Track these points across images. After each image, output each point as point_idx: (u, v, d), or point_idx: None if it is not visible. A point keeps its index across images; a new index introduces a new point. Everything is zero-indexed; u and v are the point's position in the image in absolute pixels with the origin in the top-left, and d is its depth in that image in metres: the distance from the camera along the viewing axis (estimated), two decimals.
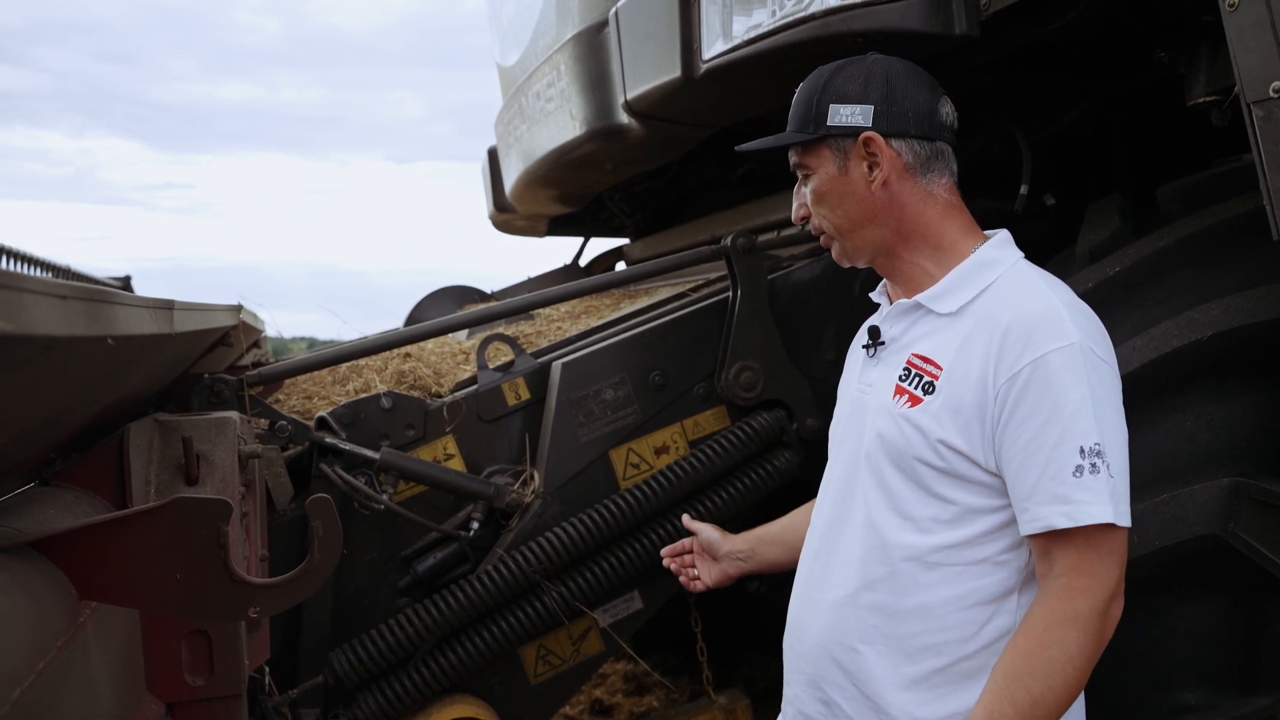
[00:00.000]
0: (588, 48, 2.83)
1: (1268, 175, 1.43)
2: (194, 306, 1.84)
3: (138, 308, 1.28)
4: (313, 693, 2.37)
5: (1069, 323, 1.41)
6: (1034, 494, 1.38)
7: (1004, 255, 1.55)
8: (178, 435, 1.84)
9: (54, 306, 0.92)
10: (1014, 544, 1.45)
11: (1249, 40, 1.43)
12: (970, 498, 1.45)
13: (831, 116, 1.55)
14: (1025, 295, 1.47)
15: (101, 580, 1.31)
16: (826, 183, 1.59)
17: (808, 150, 1.60)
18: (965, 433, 1.43)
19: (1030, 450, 1.38)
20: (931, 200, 1.57)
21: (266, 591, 1.40)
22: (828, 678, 1.55)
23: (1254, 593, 1.63)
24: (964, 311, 1.50)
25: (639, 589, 2.58)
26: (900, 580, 1.48)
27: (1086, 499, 1.35)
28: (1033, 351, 1.40)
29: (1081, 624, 1.35)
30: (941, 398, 1.46)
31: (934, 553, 1.47)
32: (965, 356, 1.46)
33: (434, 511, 2.52)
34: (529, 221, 4.60)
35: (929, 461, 1.46)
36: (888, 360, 1.58)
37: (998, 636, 1.44)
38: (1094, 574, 1.36)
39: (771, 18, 2.08)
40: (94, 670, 1.38)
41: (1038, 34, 1.96)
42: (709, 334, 2.63)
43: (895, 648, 1.48)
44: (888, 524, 1.50)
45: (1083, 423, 1.37)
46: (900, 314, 1.59)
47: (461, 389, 2.64)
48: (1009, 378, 1.40)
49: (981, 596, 1.45)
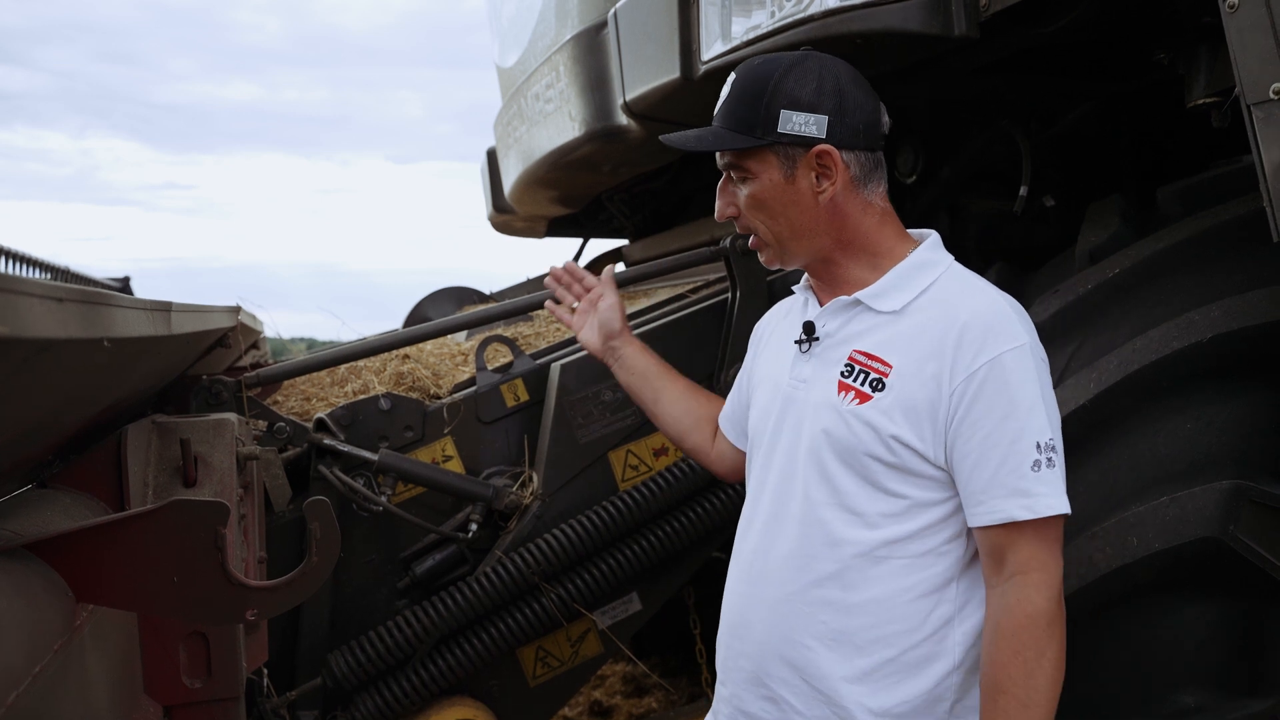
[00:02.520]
0: (587, 49, 2.82)
1: (1268, 177, 1.42)
2: (191, 308, 1.84)
3: (134, 310, 1.28)
4: (311, 695, 2.37)
5: (1018, 324, 1.46)
6: (990, 487, 1.41)
7: (939, 257, 1.57)
8: (176, 437, 1.83)
9: (50, 309, 0.92)
10: (955, 534, 1.48)
11: (1249, 42, 1.43)
12: (919, 492, 1.47)
13: (783, 123, 1.51)
14: (973, 297, 1.49)
15: (98, 583, 1.30)
16: (769, 190, 1.54)
17: (749, 153, 1.54)
18: (917, 429, 1.45)
19: (986, 446, 1.41)
20: (870, 210, 1.57)
21: (264, 594, 1.39)
22: (774, 675, 1.55)
23: (1254, 596, 1.62)
24: (907, 310, 1.51)
25: (638, 591, 2.58)
26: (849, 576, 1.49)
27: (1044, 491, 1.39)
28: (989, 351, 1.42)
29: (1044, 620, 1.39)
30: (893, 395, 1.47)
31: (882, 547, 1.48)
32: (916, 354, 1.47)
33: (433, 513, 2.52)
34: (528, 223, 4.60)
35: (880, 457, 1.47)
36: (824, 356, 1.57)
37: (942, 624, 1.48)
38: (1045, 567, 1.41)
39: (771, 19, 2.07)
40: (91, 673, 1.38)
41: (1037, 35, 1.95)
42: (708, 335, 2.63)
43: (846, 642, 1.49)
44: (835, 520, 1.50)
45: (1037, 419, 1.41)
46: (837, 310, 1.58)
47: (460, 390, 2.63)
48: (966, 376, 1.43)
49: (927, 587, 1.48)
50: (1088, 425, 1.79)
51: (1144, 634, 1.69)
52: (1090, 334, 1.93)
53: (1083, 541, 1.71)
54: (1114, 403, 1.77)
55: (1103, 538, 1.68)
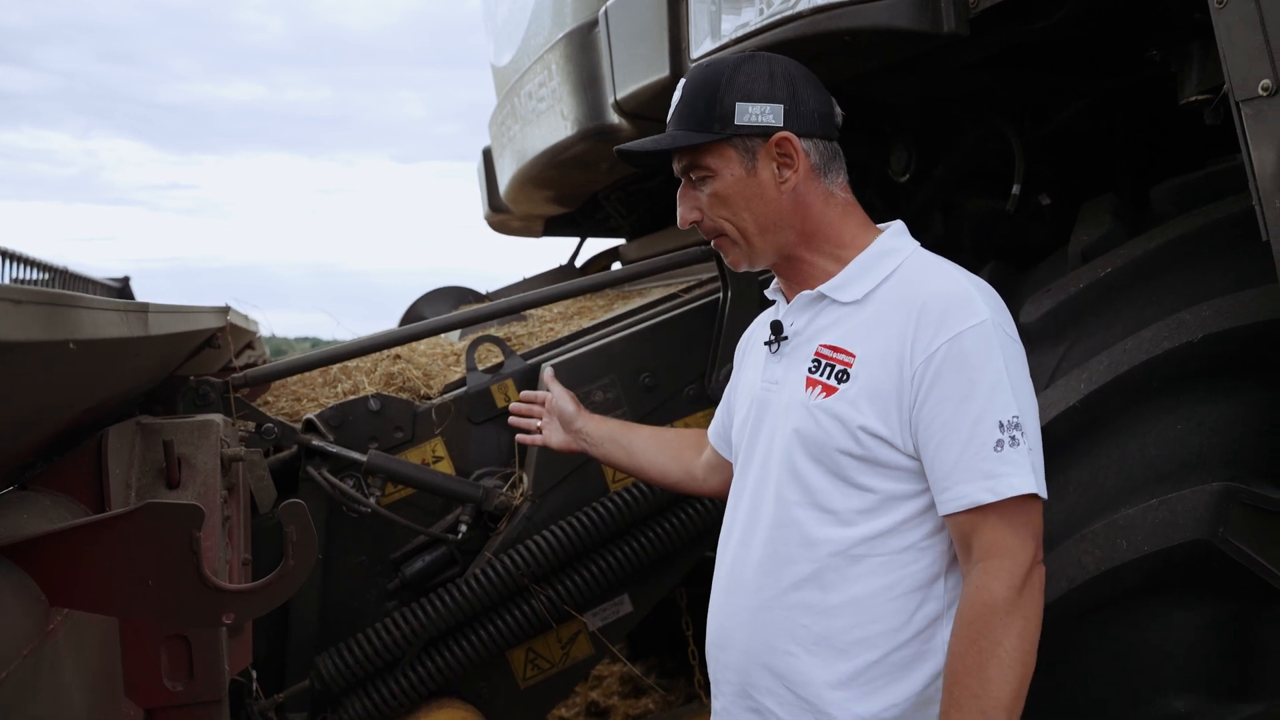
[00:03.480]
0: (579, 47, 2.81)
1: (1256, 175, 1.40)
2: (174, 309, 1.83)
3: (105, 311, 1.26)
4: (300, 696, 2.36)
5: (980, 301, 1.41)
6: (954, 471, 1.37)
7: (902, 244, 1.54)
8: (159, 439, 1.82)
9: (6, 311, 0.90)
10: (936, 528, 1.44)
11: (1237, 37, 1.41)
12: (890, 484, 1.44)
13: (739, 116, 1.49)
14: (934, 277, 1.47)
15: (72, 587, 1.29)
16: (731, 185, 1.52)
17: (707, 151, 1.52)
18: (884, 416, 1.42)
19: (949, 428, 1.37)
20: (833, 200, 1.55)
21: (241, 597, 1.38)
22: (758, 684, 1.51)
23: (1245, 599, 1.60)
24: (869, 299, 1.49)
25: (629, 592, 2.57)
26: (826, 576, 1.46)
27: (1008, 471, 1.35)
28: (947, 331, 1.39)
29: (1001, 608, 1.33)
30: (858, 384, 1.44)
31: (858, 545, 1.44)
32: (878, 340, 1.44)
33: (424, 514, 2.51)
34: (524, 222, 4.58)
35: (849, 450, 1.44)
36: (793, 355, 1.55)
37: (928, 623, 1.44)
38: (1008, 552, 1.35)
39: (759, 16, 2.06)
40: (65, 676, 1.37)
41: (1027, 32, 1.93)
42: (699, 335, 2.61)
43: (827, 645, 1.45)
44: (808, 520, 1.47)
45: (1000, 397, 1.36)
46: (803, 306, 1.56)
47: (451, 391, 2.62)
48: (925, 358, 1.39)
49: (909, 585, 1.44)
50: (1077, 426, 1.76)
51: (1133, 637, 1.66)
52: (1082, 334, 1.91)
53: (1071, 544, 1.68)
54: (1104, 403, 1.74)
55: (1091, 540, 1.66)
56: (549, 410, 2.08)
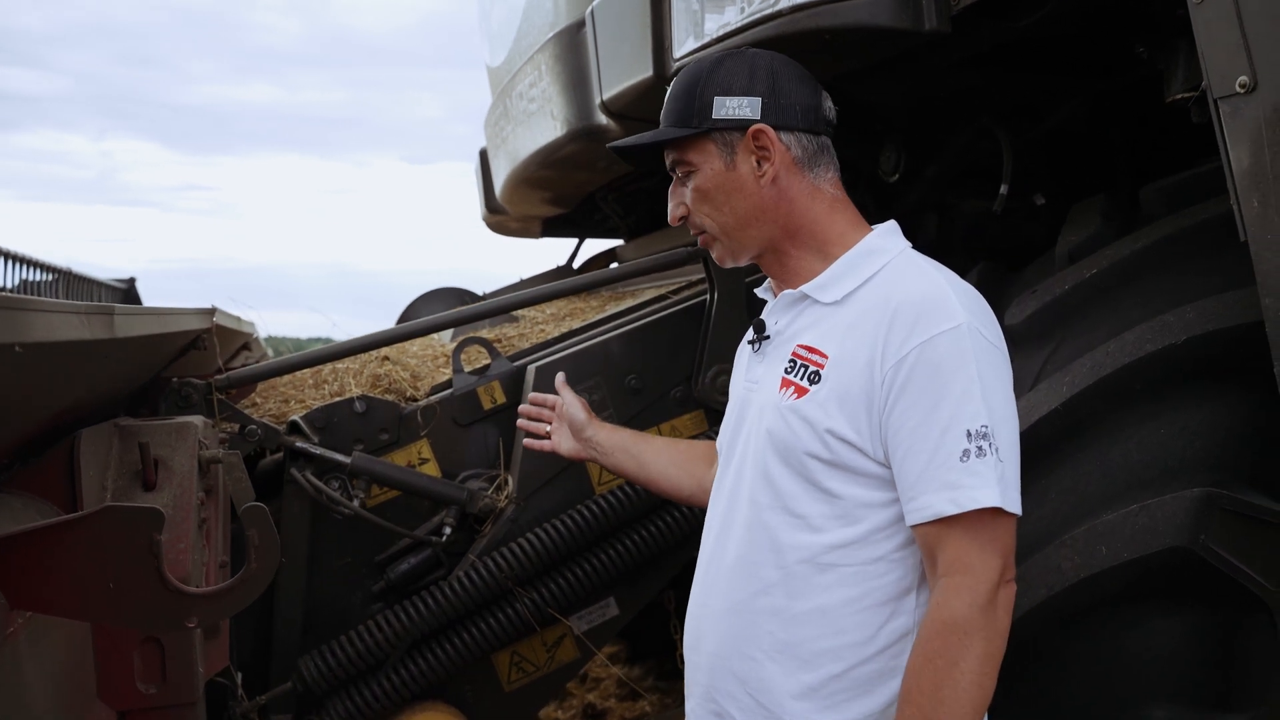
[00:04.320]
0: (567, 47, 2.79)
1: (1234, 173, 1.38)
2: (148, 311, 1.82)
3: (61, 314, 1.25)
4: (285, 698, 2.35)
5: (956, 304, 1.37)
6: (920, 481, 1.33)
7: (890, 244, 1.51)
8: (137, 440, 1.82)
9: None
10: (908, 541, 1.40)
11: (1215, 34, 1.39)
12: (859, 491, 1.40)
13: (717, 109, 1.49)
14: (913, 279, 1.43)
15: (33, 589, 1.28)
16: (711, 179, 1.51)
17: (689, 146, 1.52)
18: (853, 421, 1.38)
19: (917, 436, 1.33)
20: (819, 195, 1.53)
21: (205, 601, 1.37)
22: (722, 688, 1.49)
23: (1228, 606, 1.57)
24: (849, 299, 1.46)
25: (615, 595, 2.55)
26: (794, 583, 1.43)
27: (972, 483, 1.30)
28: (920, 334, 1.35)
29: (961, 627, 1.29)
30: (828, 386, 1.41)
31: (827, 553, 1.41)
32: (851, 343, 1.41)
33: (411, 516, 2.49)
34: (522, 223, 4.57)
35: (817, 454, 1.40)
36: (773, 354, 1.53)
37: (896, 638, 1.40)
38: (970, 569, 1.31)
39: (740, 15, 2.04)
40: (27, 678, 1.36)
41: (1011, 30, 1.91)
42: (685, 337, 2.59)
43: (791, 654, 1.42)
44: (778, 524, 1.45)
45: (970, 405, 1.32)
46: (786, 306, 1.54)
47: (437, 393, 2.61)
48: (896, 361, 1.35)
49: (878, 597, 1.40)
50: (1060, 430, 1.74)
51: (1114, 645, 1.64)
52: (1067, 336, 1.89)
53: (1052, 550, 1.66)
54: (1086, 407, 1.72)
55: (1071, 546, 1.63)
56: (559, 416, 2.05)
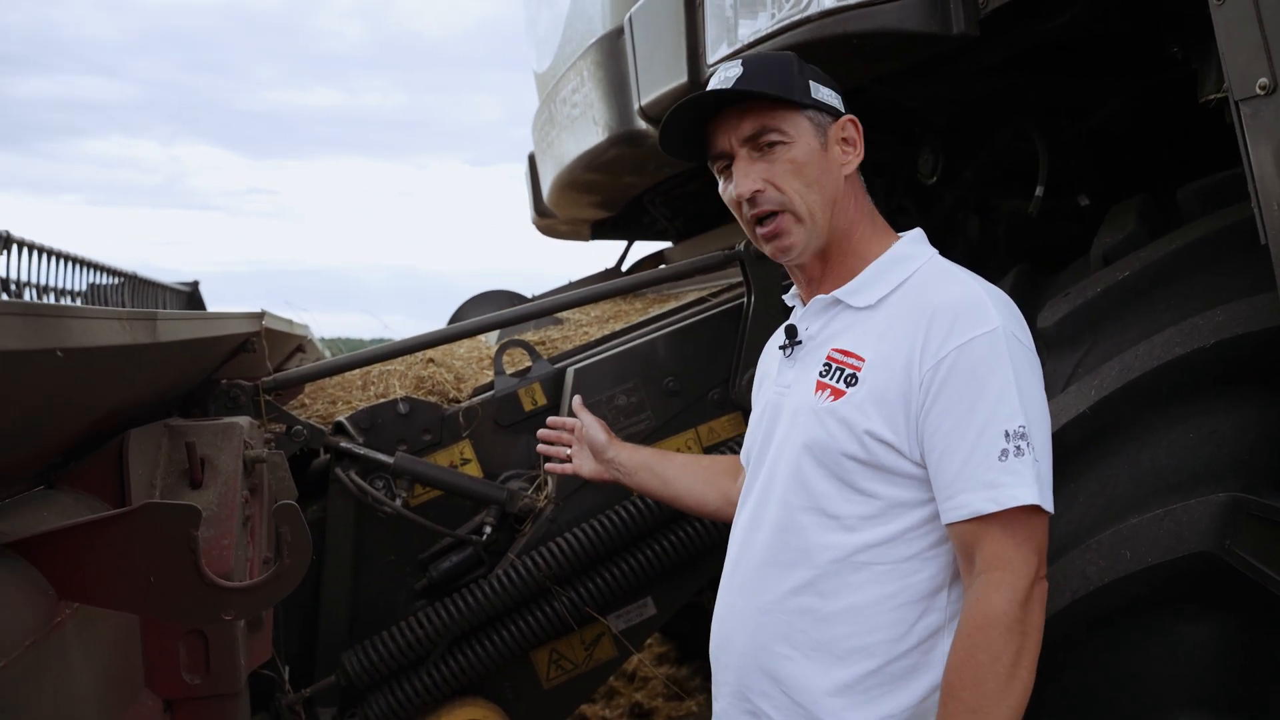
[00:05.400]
0: (608, 53, 2.83)
1: (1255, 175, 1.36)
2: (194, 316, 1.90)
3: (104, 320, 1.32)
4: (330, 692, 2.42)
5: (991, 308, 1.40)
6: (958, 480, 1.36)
7: (919, 251, 1.54)
8: (184, 440, 1.89)
9: None
10: (941, 539, 1.43)
11: (1235, 35, 1.37)
12: (894, 491, 1.43)
13: (814, 91, 1.52)
14: (948, 284, 1.46)
15: (79, 582, 1.35)
16: (808, 155, 1.50)
17: (785, 116, 1.49)
18: (890, 422, 1.41)
19: (954, 436, 1.36)
20: (867, 200, 1.58)
21: (240, 595, 1.42)
22: (754, 687, 1.51)
23: (1255, 613, 1.55)
24: (882, 304, 1.49)
25: (652, 595, 2.57)
26: (827, 582, 1.45)
27: (1011, 482, 1.33)
28: (957, 337, 1.38)
29: (1002, 622, 1.31)
30: (865, 388, 1.43)
31: (861, 552, 1.44)
32: (888, 345, 1.44)
33: (453, 515, 2.55)
34: (570, 226, 4.62)
35: (854, 455, 1.43)
36: (805, 359, 1.55)
37: (928, 634, 1.42)
38: (1009, 565, 1.33)
39: (771, 20, 2.06)
40: (75, 667, 1.43)
41: (1040, 32, 1.90)
42: (723, 340, 2.61)
43: (825, 651, 1.45)
44: (811, 525, 1.47)
45: (1007, 406, 1.35)
46: (818, 311, 1.56)
47: (479, 394, 2.66)
48: (934, 364, 1.38)
49: (911, 595, 1.43)
50: (1088, 433, 1.73)
51: (1139, 651, 1.62)
52: (1099, 339, 1.87)
53: (1077, 554, 1.65)
54: (1114, 410, 1.70)
55: (1096, 550, 1.62)
56: (578, 438, 2.09)
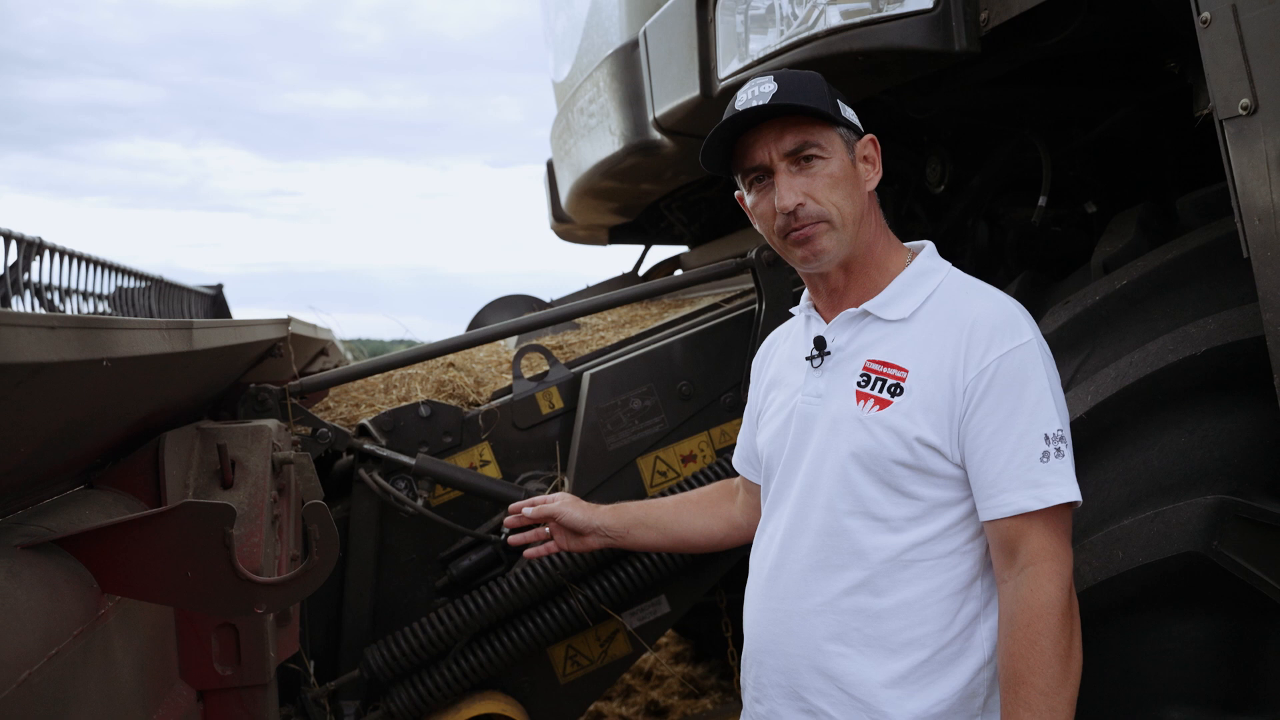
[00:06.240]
0: (623, 65, 2.90)
1: (1238, 193, 1.42)
2: (225, 323, 1.98)
3: (145, 331, 1.40)
4: (353, 685, 2.50)
5: (1024, 322, 1.53)
6: (1000, 479, 1.47)
7: (938, 264, 1.64)
8: (216, 442, 1.98)
9: (40, 337, 1.04)
10: (975, 533, 1.54)
11: (1219, 57, 1.43)
12: (936, 492, 1.53)
13: (842, 110, 1.60)
14: (979, 298, 1.57)
15: (121, 576, 1.43)
16: (842, 169, 1.58)
17: (822, 132, 1.57)
18: (937, 428, 1.51)
19: (997, 439, 1.47)
20: (881, 217, 1.67)
21: (270, 589, 1.50)
22: (810, 686, 1.59)
23: (1242, 612, 1.60)
24: (915, 316, 1.58)
25: (666, 593, 2.64)
26: (878, 581, 1.54)
27: (1054, 481, 1.45)
28: (997, 349, 1.50)
29: (1058, 608, 1.43)
30: (913, 397, 1.53)
31: (908, 550, 1.53)
32: (931, 356, 1.54)
33: (473, 515, 2.63)
34: (589, 231, 4.70)
35: (903, 460, 1.52)
36: (836, 369, 1.62)
37: (968, 622, 1.53)
38: (1056, 556, 1.45)
39: (780, 37, 2.12)
40: (116, 657, 1.51)
41: (1040, 48, 1.96)
42: (735, 345, 2.68)
43: (879, 646, 1.54)
44: (860, 528, 1.56)
45: (1045, 411, 1.47)
46: (845, 323, 1.63)
47: (498, 398, 2.74)
48: (977, 373, 1.50)
49: (953, 587, 1.53)
50: (1084, 438, 1.78)
51: (1131, 649, 1.68)
52: (1097, 346, 1.93)
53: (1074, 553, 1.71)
54: (1109, 415, 1.76)
55: (1090, 550, 1.68)
56: (555, 528, 2.03)
